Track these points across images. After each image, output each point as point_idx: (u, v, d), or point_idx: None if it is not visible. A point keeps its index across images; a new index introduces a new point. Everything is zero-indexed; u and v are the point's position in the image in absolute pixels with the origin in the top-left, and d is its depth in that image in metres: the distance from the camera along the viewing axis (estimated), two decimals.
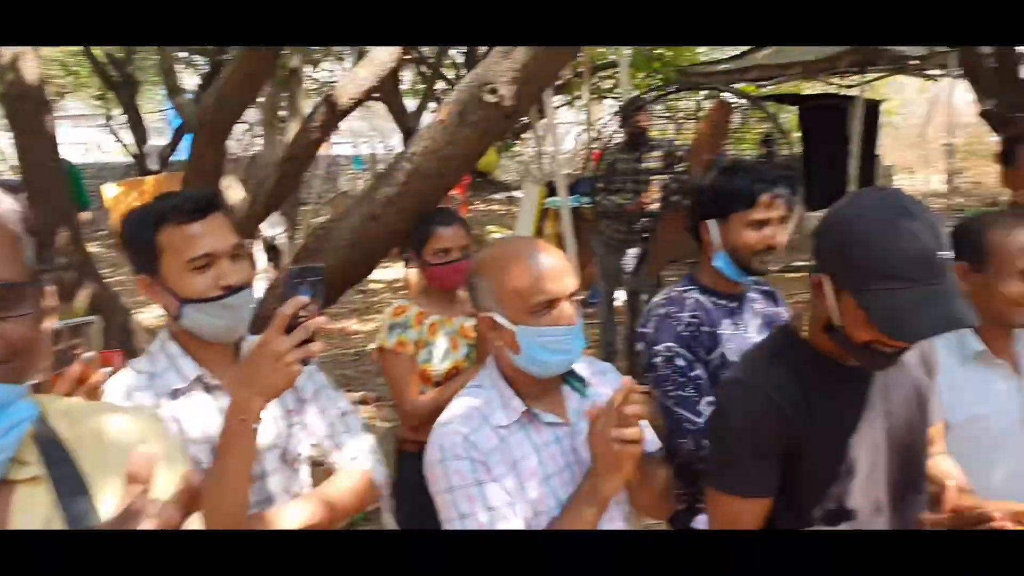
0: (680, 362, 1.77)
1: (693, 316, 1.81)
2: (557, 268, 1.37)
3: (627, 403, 1.27)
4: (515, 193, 11.52)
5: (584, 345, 1.42)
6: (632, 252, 4.74)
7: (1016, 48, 6.63)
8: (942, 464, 1.49)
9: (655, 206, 4.44)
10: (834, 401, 1.32)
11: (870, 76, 8.93)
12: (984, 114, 6.55)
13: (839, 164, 7.78)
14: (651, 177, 4.57)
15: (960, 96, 7.88)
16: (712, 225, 1.82)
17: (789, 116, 11.05)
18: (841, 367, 1.31)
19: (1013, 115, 6.16)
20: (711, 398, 1.76)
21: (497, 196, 14.17)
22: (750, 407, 1.33)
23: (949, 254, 1.15)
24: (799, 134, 10.05)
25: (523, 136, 14.10)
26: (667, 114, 7.24)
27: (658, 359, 1.79)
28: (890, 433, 1.35)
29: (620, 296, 5.13)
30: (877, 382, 1.35)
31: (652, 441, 1.52)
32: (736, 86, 8.52)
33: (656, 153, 4.70)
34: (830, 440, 1.31)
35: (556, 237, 6.82)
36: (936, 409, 1.48)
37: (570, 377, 1.44)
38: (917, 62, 7.10)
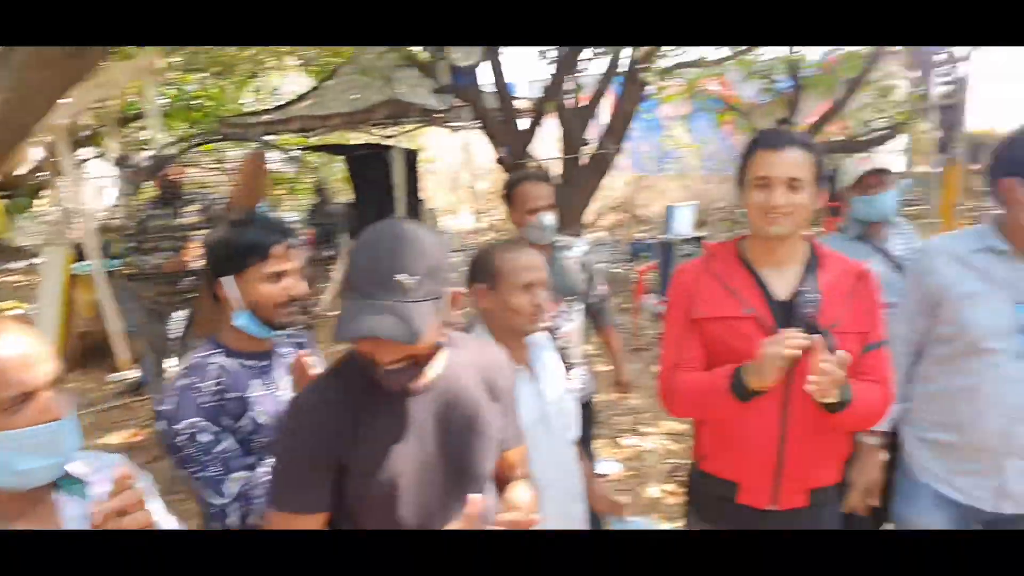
0: (204, 438, 1.61)
1: (217, 383, 1.66)
2: (26, 354, 1.14)
3: (121, 490, 1.13)
4: (36, 260, 9.90)
5: (78, 441, 1.19)
6: (178, 315, 4.35)
7: (517, 103, 7.78)
8: (513, 491, 1.57)
9: (197, 263, 4.13)
10: (379, 420, 1.35)
11: (407, 127, 9.73)
12: (498, 161, 7.55)
13: (387, 209, 8.28)
14: (189, 233, 4.25)
15: (482, 145, 9.02)
16: (228, 282, 1.70)
17: (340, 165, 11.48)
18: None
19: (518, 161, 7.22)
20: (241, 472, 1.64)
21: (14, 265, 12.05)
22: (299, 424, 1.36)
23: (407, 276, 1.24)
24: (349, 182, 10.51)
25: (42, 194, 12.24)
26: (214, 166, 6.93)
27: (180, 439, 1.60)
28: (444, 452, 1.40)
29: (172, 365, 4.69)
30: (431, 402, 1.40)
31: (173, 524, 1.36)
32: (282, 136, 8.57)
33: (193, 207, 4.40)
34: (374, 457, 1.34)
35: (90, 305, 6.00)
36: (511, 432, 1.58)
37: (63, 481, 1.21)
38: (441, 115, 7.90)
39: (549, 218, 2.74)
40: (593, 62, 6.94)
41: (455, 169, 15.56)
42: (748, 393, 1.66)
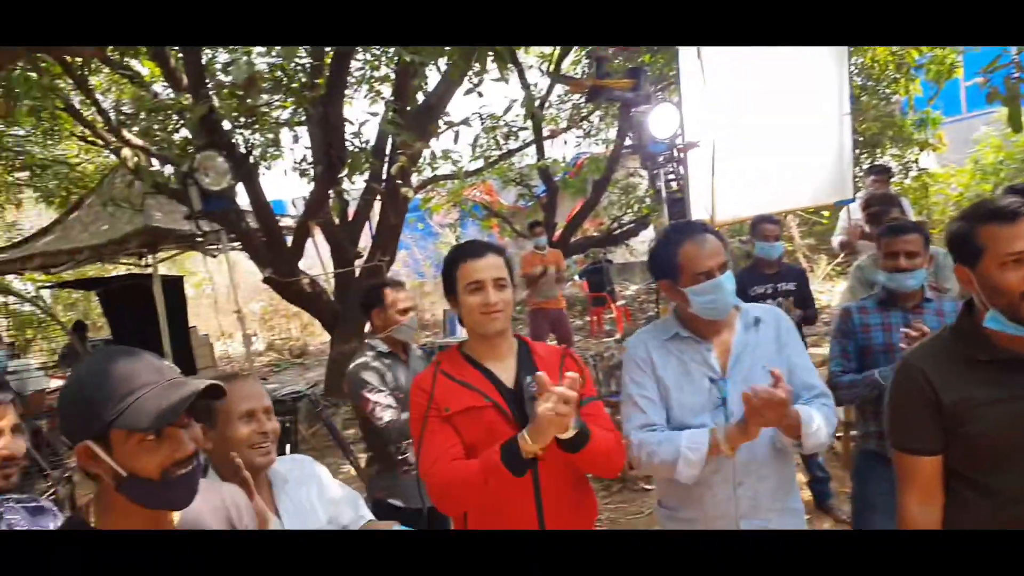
0: None
1: None
2: None
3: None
4: None
5: None
6: None
7: (279, 222, 7.68)
8: None
9: None
10: None
11: (164, 254, 9.25)
12: (266, 280, 7.37)
13: (151, 340, 7.77)
14: None
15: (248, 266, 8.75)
16: None
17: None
18: None
19: (287, 279, 7.13)
20: None
21: None
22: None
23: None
24: (106, 316, 9.76)
25: None
26: None
27: None
28: None
29: None
30: None
31: None
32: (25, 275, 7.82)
33: None
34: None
35: None
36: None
37: None
38: (202, 239, 7.66)
39: (414, 318, 3.09)
40: (355, 179, 7.13)
41: (223, 292, 14.91)
42: (523, 464, 1.79)
